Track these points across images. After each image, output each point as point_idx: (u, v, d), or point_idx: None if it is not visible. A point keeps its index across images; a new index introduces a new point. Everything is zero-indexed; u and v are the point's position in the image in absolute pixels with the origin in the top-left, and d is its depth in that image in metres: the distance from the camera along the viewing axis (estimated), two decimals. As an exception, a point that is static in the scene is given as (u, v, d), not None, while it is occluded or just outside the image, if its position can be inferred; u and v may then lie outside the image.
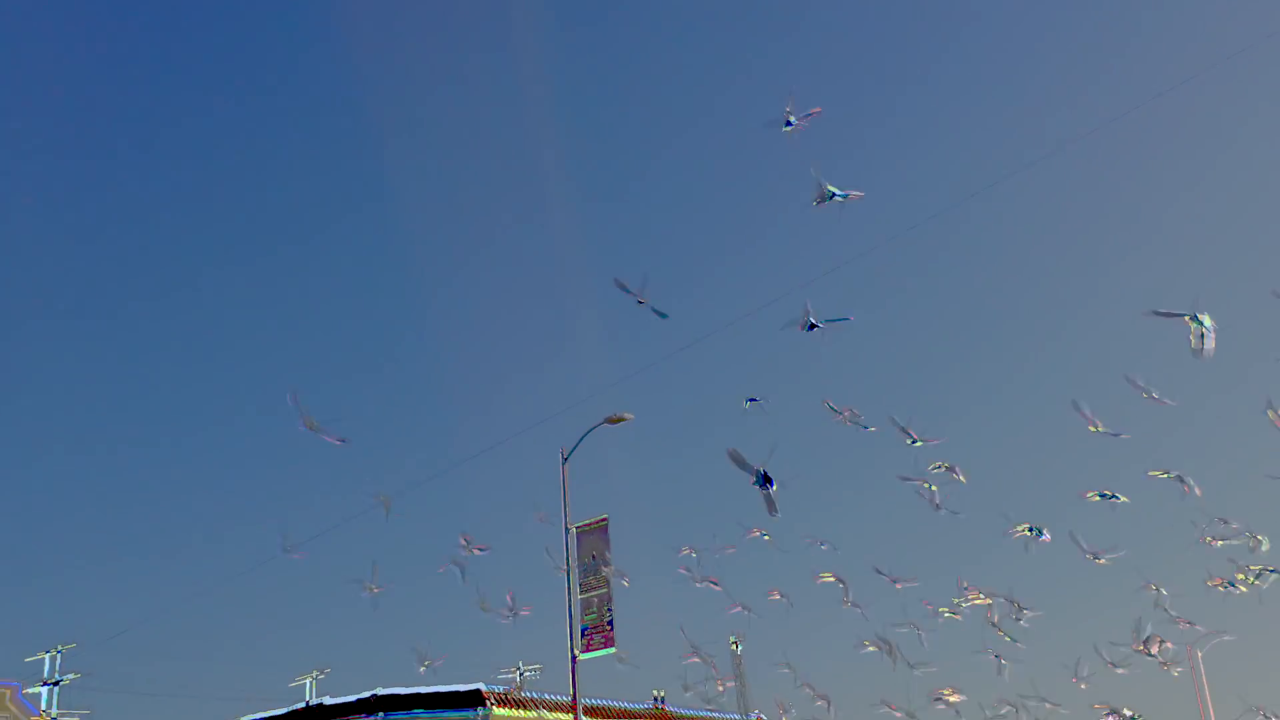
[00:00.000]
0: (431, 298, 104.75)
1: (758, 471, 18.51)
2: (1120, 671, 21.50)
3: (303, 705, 36.80)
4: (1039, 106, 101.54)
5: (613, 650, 27.86)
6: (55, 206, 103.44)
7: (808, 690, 24.64)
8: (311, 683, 44.72)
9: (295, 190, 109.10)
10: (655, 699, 38.50)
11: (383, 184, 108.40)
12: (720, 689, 27.41)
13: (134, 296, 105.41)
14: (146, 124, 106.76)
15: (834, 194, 16.81)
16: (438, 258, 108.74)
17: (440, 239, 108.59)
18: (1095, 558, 20.35)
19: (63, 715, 48.48)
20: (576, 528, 29.00)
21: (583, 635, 27.98)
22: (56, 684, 47.29)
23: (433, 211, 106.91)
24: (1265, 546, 19.59)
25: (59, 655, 47.45)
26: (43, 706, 48.72)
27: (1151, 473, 19.34)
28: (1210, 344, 15.52)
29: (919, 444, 19.46)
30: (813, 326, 17.90)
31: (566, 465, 29.25)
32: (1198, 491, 19.05)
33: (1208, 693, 49.52)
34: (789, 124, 16.81)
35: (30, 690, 48.67)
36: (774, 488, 18.63)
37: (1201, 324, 15.53)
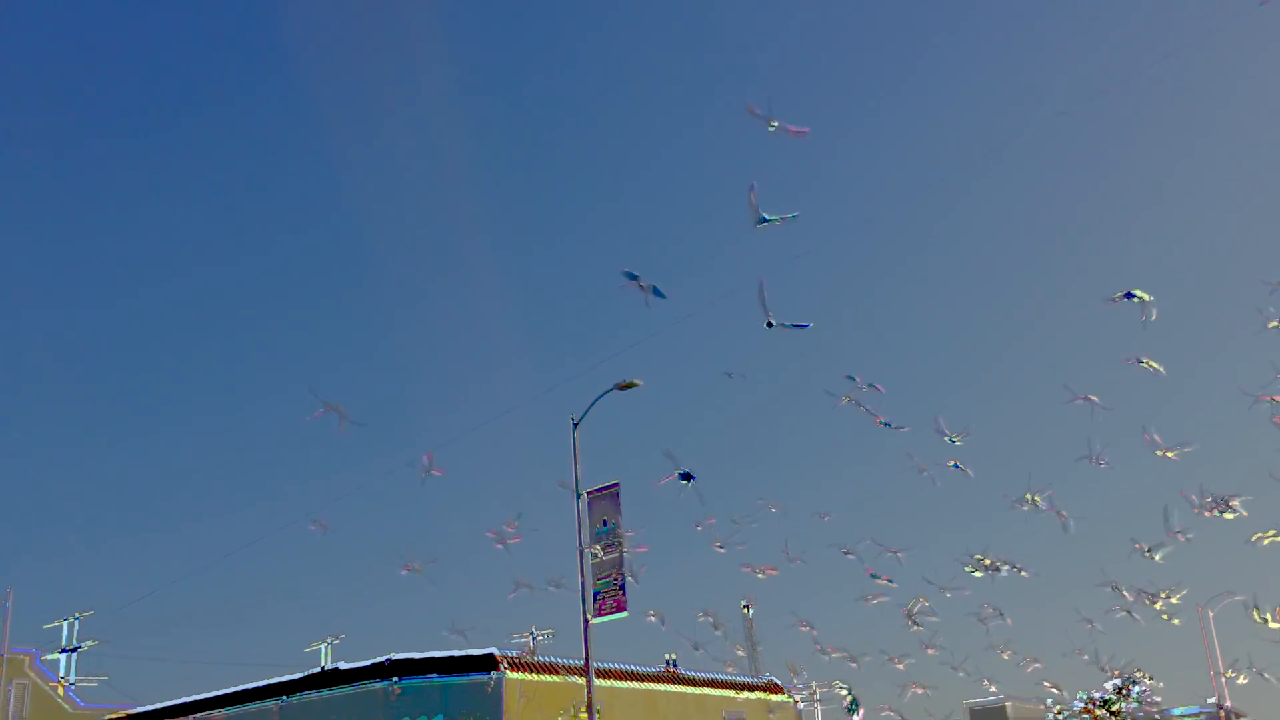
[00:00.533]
0: (426, 282, 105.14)
1: (681, 471, 22.61)
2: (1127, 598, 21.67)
3: (318, 670, 37.08)
4: (1029, 83, 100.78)
5: (624, 614, 27.93)
6: (68, 206, 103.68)
7: (830, 653, 25.06)
8: (327, 648, 45.08)
9: (292, 174, 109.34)
10: (667, 661, 38.69)
11: (382, 163, 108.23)
12: (739, 650, 27.66)
13: (146, 288, 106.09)
14: (124, 135, 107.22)
15: (766, 219, 17.36)
16: (414, 251, 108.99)
17: (410, 242, 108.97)
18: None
19: (80, 681, 48.96)
20: (588, 493, 28.96)
21: (595, 600, 28.04)
22: (74, 650, 47.70)
23: (395, 220, 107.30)
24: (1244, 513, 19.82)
25: (77, 622, 47.83)
26: (61, 673, 49.21)
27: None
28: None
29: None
30: (769, 325, 18.26)
31: (577, 431, 29.24)
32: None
33: (1218, 651, 49.68)
34: (773, 126, 17.15)
35: (49, 656, 49.19)
36: (694, 481, 22.46)
37: (1140, 298, 16.87)
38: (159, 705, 40.86)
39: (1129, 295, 17.42)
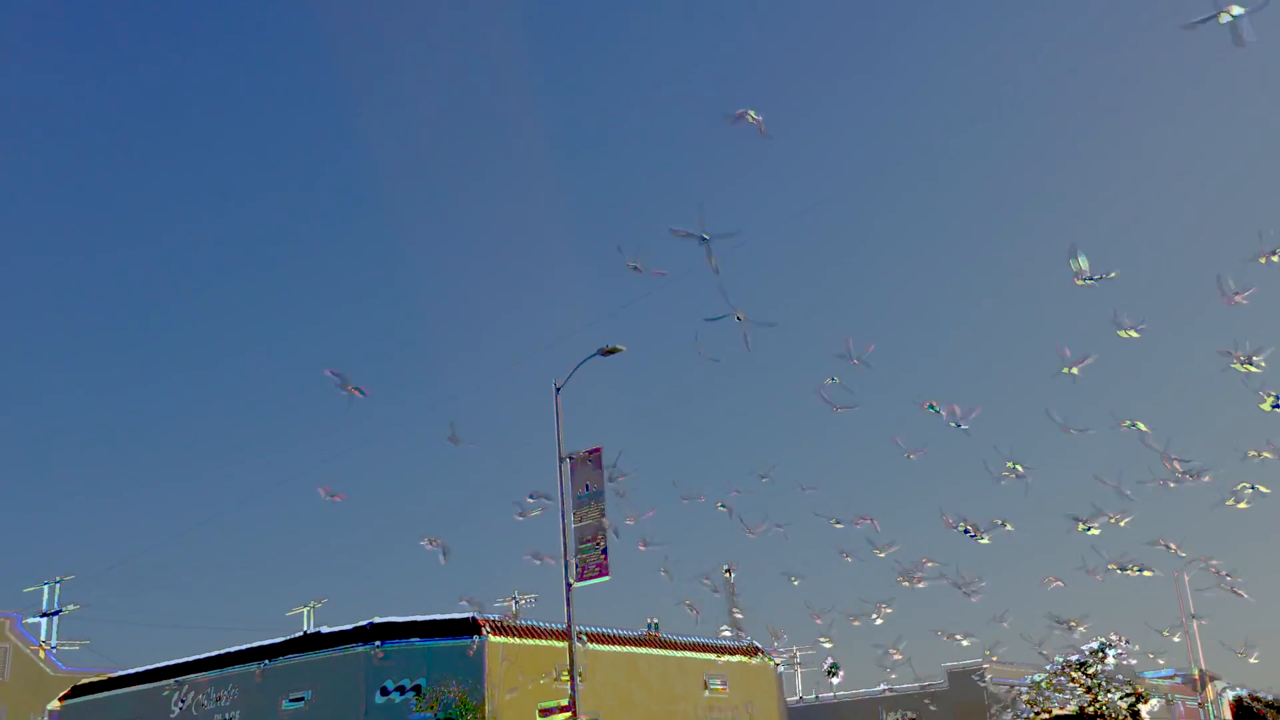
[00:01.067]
0: (410, 241, 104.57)
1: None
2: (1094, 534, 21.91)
3: (300, 634, 37.13)
4: (991, 68, 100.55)
5: (607, 579, 28.06)
6: (65, 169, 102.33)
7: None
8: (309, 612, 45.19)
9: (286, 136, 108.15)
10: (649, 625, 38.94)
11: (362, 128, 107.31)
12: (737, 612, 28.03)
13: (133, 240, 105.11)
14: (135, 88, 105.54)
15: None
16: (417, 203, 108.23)
17: (417, 186, 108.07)
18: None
19: (62, 645, 48.96)
20: (570, 457, 29.00)
21: (577, 564, 28.14)
22: (55, 614, 47.67)
23: (409, 160, 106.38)
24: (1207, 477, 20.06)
25: (58, 586, 47.79)
26: (42, 636, 49.20)
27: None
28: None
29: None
30: (739, 319, 18.50)
31: (560, 395, 29.25)
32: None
33: (1193, 609, 50.32)
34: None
35: (29, 620, 49.16)
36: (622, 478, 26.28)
37: (1078, 262, 17.39)
38: (140, 669, 40.86)
39: (1091, 276, 17.65)
